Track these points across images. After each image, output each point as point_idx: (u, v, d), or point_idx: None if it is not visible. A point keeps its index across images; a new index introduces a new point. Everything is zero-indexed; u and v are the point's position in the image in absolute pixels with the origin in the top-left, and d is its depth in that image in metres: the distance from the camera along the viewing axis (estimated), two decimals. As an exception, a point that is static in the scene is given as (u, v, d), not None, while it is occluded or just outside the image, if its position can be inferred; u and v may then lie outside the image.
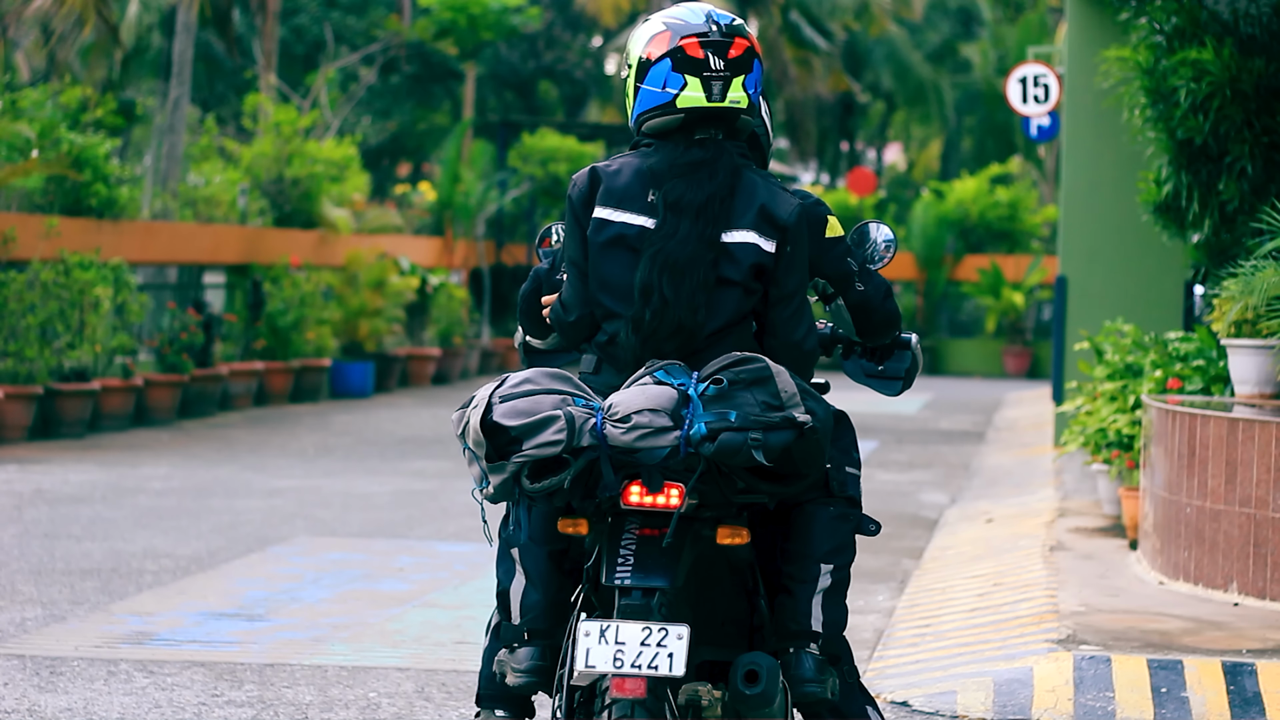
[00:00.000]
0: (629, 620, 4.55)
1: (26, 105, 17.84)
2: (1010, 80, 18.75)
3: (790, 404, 4.60)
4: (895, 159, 56.57)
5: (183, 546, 10.44)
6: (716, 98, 4.80)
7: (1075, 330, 14.41)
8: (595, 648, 4.54)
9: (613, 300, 4.82)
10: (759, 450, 4.53)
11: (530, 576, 4.87)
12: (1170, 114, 10.62)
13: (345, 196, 24.10)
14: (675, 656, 4.50)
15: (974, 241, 32.61)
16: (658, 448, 4.52)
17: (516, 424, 4.56)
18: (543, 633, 4.85)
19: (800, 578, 4.81)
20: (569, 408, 4.56)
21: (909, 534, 11.85)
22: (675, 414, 4.54)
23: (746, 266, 4.79)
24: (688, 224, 4.76)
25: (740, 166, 4.82)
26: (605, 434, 4.53)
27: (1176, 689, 6.90)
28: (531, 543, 4.87)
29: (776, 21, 41.99)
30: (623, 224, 4.80)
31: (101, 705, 6.68)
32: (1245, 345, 9.28)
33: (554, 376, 4.67)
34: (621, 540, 4.64)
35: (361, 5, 34.93)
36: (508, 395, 4.61)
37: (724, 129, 4.86)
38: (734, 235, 4.79)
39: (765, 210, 4.80)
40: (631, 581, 4.58)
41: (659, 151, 4.84)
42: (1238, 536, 8.51)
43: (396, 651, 7.81)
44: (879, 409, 22.88)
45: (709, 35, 4.81)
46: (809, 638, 4.78)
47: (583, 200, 4.86)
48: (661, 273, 4.74)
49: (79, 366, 16.88)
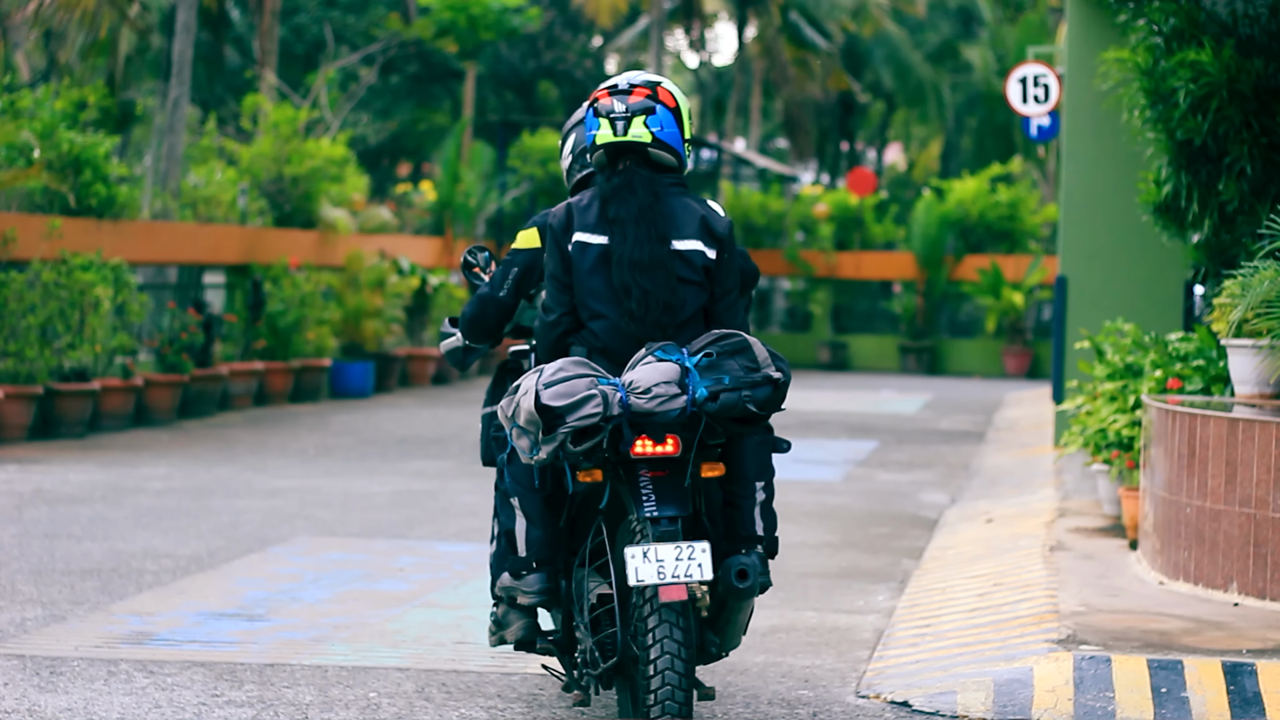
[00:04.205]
0: (663, 542, 5.92)
1: (27, 105, 17.83)
2: (1010, 80, 18.75)
3: (765, 366, 6.09)
4: (895, 159, 56.57)
5: (183, 546, 10.44)
6: (620, 134, 6.27)
7: (1075, 330, 14.42)
8: (642, 565, 5.89)
9: (599, 304, 6.24)
10: (751, 403, 6.02)
11: (530, 518, 6.31)
12: (1169, 115, 10.63)
13: (345, 196, 24.09)
14: (704, 566, 5.91)
15: (974, 241, 32.61)
16: (673, 409, 5.95)
17: (561, 404, 5.94)
18: (547, 560, 6.31)
19: (742, 494, 6.20)
20: (600, 387, 5.97)
21: (909, 534, 11.85)
22: (681, 383, 5.99)
23: (699, 268, 6.26)
24: (631, 232, 6.19)
25: (662, 189, 6.26)
26: (630, 404, 5.95)
27: (1176, 689, 6.91)
28: (530, 492, 6.30)
29: (776, 21, 41.97)
30: (597, 244, 6.24)
31: (101, 705, 6.69)
32: (1245, 345, 9.29)
33: (579, 364, 6.06)
34: (639, 483, 6.02)
35: (361, 5, 34.93)
36: (549, 382, 5.98)
37: (637, 159, 6.30)
38: (684, 244, 6.25)
39: (706, 224, 6.29)
40: (659, 513, 5.97)
41: (597, 185, 6.32)
42: (1238, 536, 8.52)
43: (396, 651, 7.81)
44: (879, 409, 22.89)
45: (616, 87, 6.32)
46: (756, 541, 6.20)
47: (562, 228, 6.29)
48: (631, 272, 6.16)
49: (79, 366, 16.89)
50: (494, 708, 6.84)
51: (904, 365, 32.45)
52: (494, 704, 6.90)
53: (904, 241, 33.93)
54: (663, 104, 6.30)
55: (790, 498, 13.59)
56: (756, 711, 6.89)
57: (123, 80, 27.93)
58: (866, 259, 33.27)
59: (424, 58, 34.87)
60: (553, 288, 6.31)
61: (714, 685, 7.30)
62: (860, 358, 33.10)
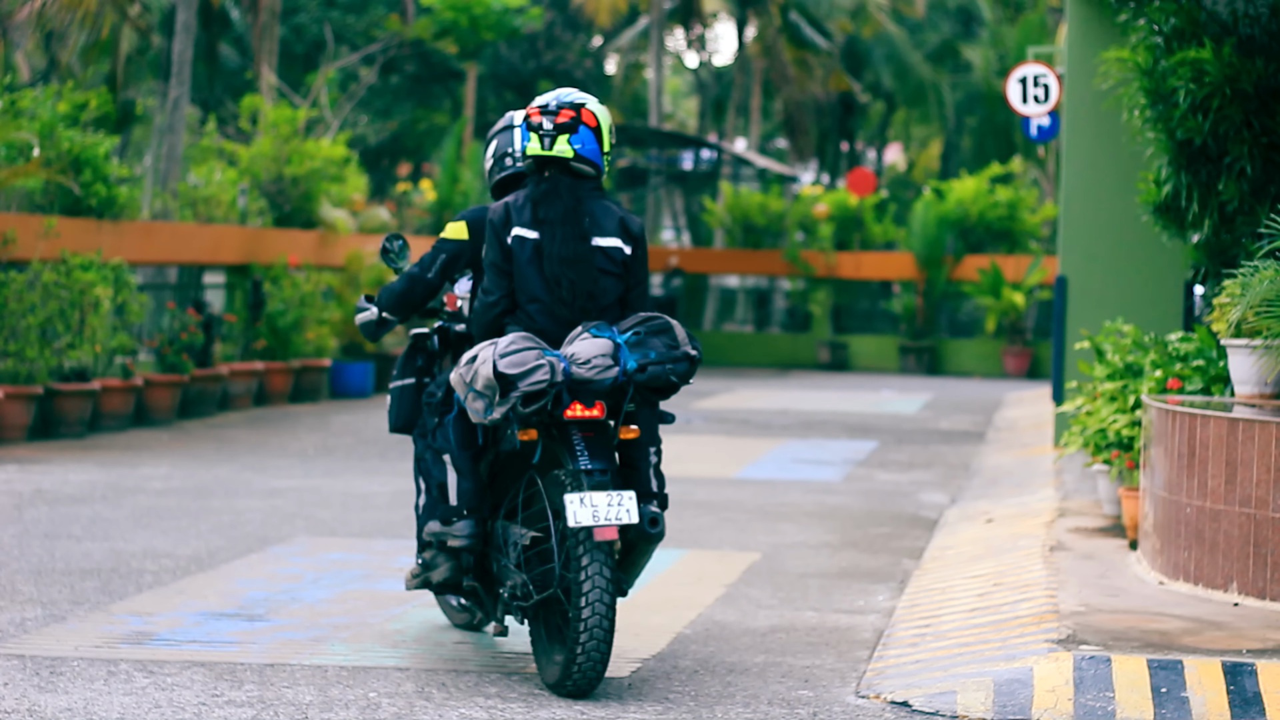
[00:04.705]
0: (597, 490, 6.93)
1: (27, 105, 17.83)
2: (1010, 80, 18.75)
3: (684, 345, 7.19)
4: (895, 159, 56.57)
5: (183, 546, 10.44)
6: (546, 148, 7.32)
7: (1075, 330, 14.42)
8: (580, 510, 6.86)
9: (535, 290, 7.27)
10: (673, 375, 7.12)
11: (461, 472, 7.48)
12: (1170, 114, 10.62)
13: (344, 196, 24.10)
14: (630, 510, 6.92)
15: (974, 241, 32.61)
16: (608, 378, 7.03)
17: (515, 372, 6.97)
18: (475, 509, 7.47)
19: (640, 457, 7.29)
20: (547, 358, 7.00)
21: (909, 534, 11.86)
22: (614, 356, 7.06)
23: (618, 262, 7.33)
24: (559, 232, 7.24)
25: (584, 194, 7.31)
26: (571, 372, 7.00)
27: (1176, 689, 6.91)
28: (459, 450, 7.47)
29: (776, 21, 41.96)
30: (532, 239, 7.27)
31: (101, 705, 6.69)
32: (1245, 346, 9.28)
33: (527, 338, 7.08)
34: (572, 441, 7.05)
35: (361, 5, 34.93)
36: (505, 353, 7.00)
37: (561, 169, 7.34)
38: (605, 241, 7.32)
39: (623, 224, 7.37)
40: (592, 466, 6.99)
41: (528, 188, 7.37)
42: (1238, 536, 8.52)
43: (396, 651, 7.81)
44: (879, 409, 22.89)
45: (546, 106, 7.36)
46: (654, 496, 7.30)
47: (502, 223, 7.34)
48: (560, 265, 7.22)
49: (79, 366, 16.88)
50: (494, 707, 6.84)
51: (904, 365, 32.46)
52: (494, 704, 6.90)
53: (904, 241, 33.92)
54: (585, 124, 7.35)
55: (790, 498, 13.59)
56: (756, 711, 6.89)
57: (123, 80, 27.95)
58: (866, 259, 33.27)
59: (424, 58, 34.86)
60: (493, 274, 7.33)
61: (714, 684, 7.31)
62: (860, 358, 33.10)
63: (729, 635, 8.38)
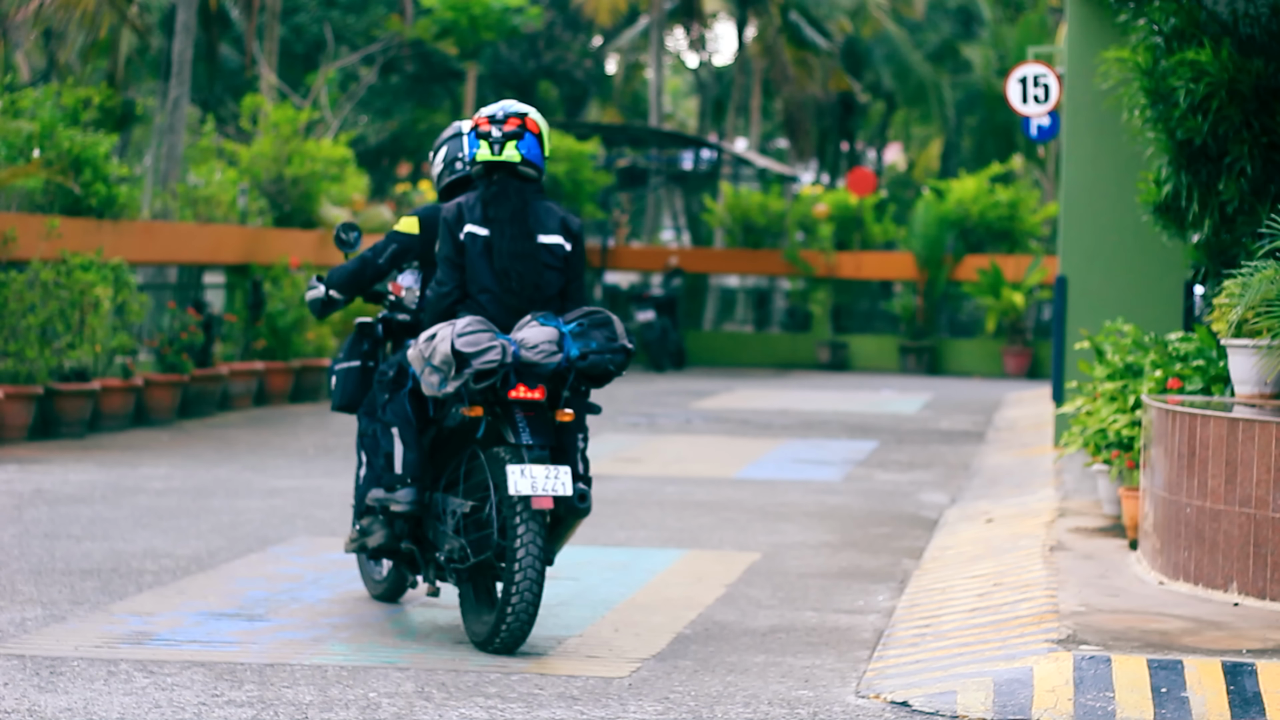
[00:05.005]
0: (536, 464, 7.63)
1: (27, 105, 17.82)
2: (1010, 80, 18.74)
3: (621, 338, 7.86)
4: (895, 159, 56.58)
5: (183, 546, 10.44)
6: (496, 154, 8.02)
7: (1075, 330, 14.41)
8: (520, 480, 7.56)
9: (485, 282, 7.95)
10: (611, 364, 7.81)
11: (407, 444, 8.15)
12: (1169, 114, 10.62)
13: (345, 196, 24.09)
14: (565, 484, 7.64)
15: (974, 241, 32.60)
16: (552, 363, 7.73)
17: (470, 350, 7.66)
18: (418, 478, 8.15)
19: (571, 442, 7.92)
20: (498, 340, 7.69)
21: (909, 534, 11.86)
22: (559, 344, 7.76)
23: (560, 257, 8.05)
24: (507, 230, 7.95)
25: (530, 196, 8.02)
26: (520, 355, 7.70)
27: (1176, 689, 6.91)
28: (407, 424, 8.16)
29: (776, 21, 41.97)
30: (483, 236, 7.96)
31: (101, 705, 6.69)
32: (1245, 345, 9.28)
33: (481, 322, 7.74)
34: (515, 419, 7.75)
35: (361, 5, 34.94)
36: (461, 334, 7.68)
37: (509, 174, 8.04)
38: (548, 238, 8.03)
39: (564, 223, 8.09)
40: (533, 441, 7.69)
41: (479, 190, 8.06)
42: (1238, 536, 8.52)
43: (396, 651, 7.81)
44: (879, 409, 22.89)
45: (494, 116, 8.06)
46: (582, 478, 7.91)
47: (455, 220, 8.01)
48: (510, 260, 7.93)
49: (79, 366, 16.88)
50: (494, 707, 6.84)
51: (904, 365, 32.45)
52: (494, 704, 6.90)
53: (904, 241, 33.90)
54: (530, 131, 8.06)
55: (790, 498, 13.59)
56: (756, 711, 6.89)
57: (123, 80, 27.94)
58: (866, 259, 33.27)
59: (424, 58, 34.87)
60: (446, 267, 8.02)
61: (714, 684, 7.31)
62: (860, 358, 33.09)
63: (729, 635, 8.38)
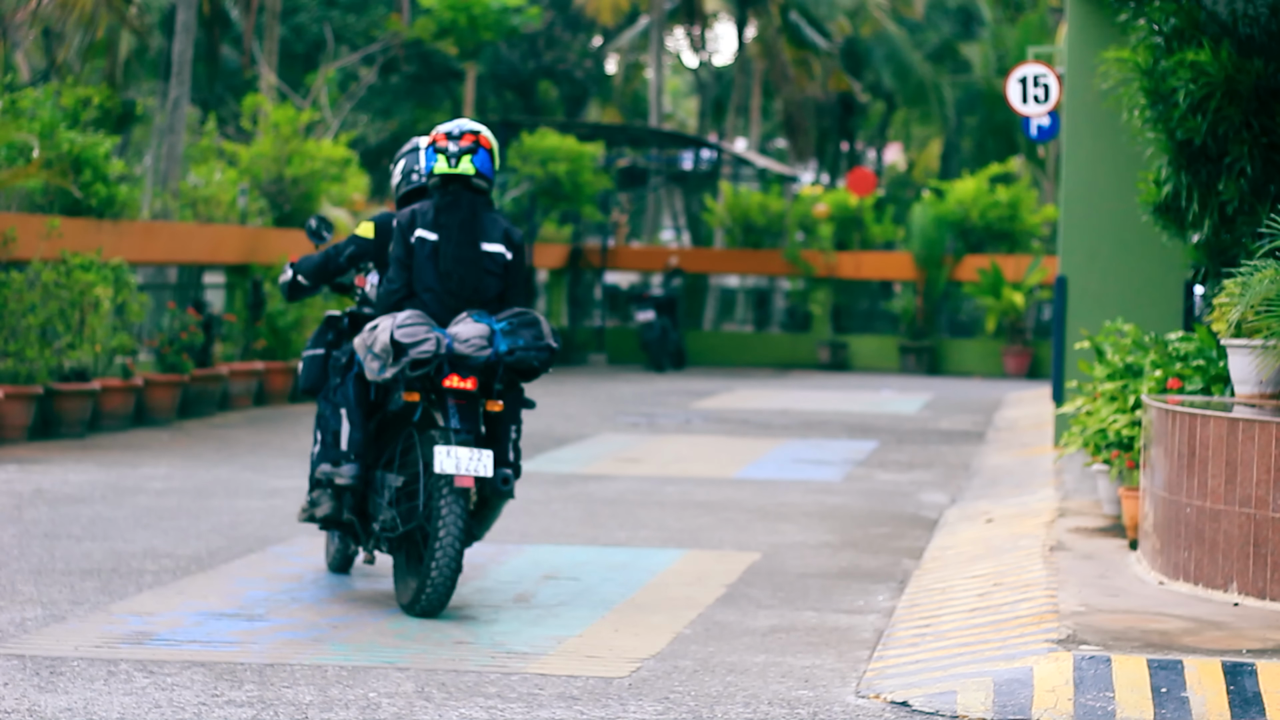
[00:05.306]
0: (461, 446, 8.41)
1: (27, 105, 17.82)
2: (1010, 80, 18.74)
3: (547, 338, 8.62)
4: (895, 159, 56.57)
5: (183, 546, 10.45)
6: (452, 167, 8.77)
7: (1075, 330, 14.41)
8: (445, 460, 8.35)
9: (430, 282, 8.72)
10: (536, 360, 8.57)
11: (353, 424, 8.91)
12: (1169, 115, 10.62)
13: (345, 196, 24.09)
14: (487, 466, 8.43)
15: (974, 241, 32.60)
16: (482, 356, 8.47)
17: (407, 341, 8.44)
18: (361, 455, 8.91)
19: (503, 432, 8.69)
20: (434, 333, 8.45)
21: (909, 534, 11.86)
22: (490, 339, 8.51)
23: (501, 264, 8.83)
24: (455, 236, 8.73)
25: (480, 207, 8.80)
26: (453, 348, 8.45)
27: (1176, 689, 6.91)
28: (355, 406, 8.93)
29: (776, 21, 41.97)
30: (431, 240, 8.75)
31: (101, 705, 6.69)
32: (1245, 345, 9.28)
33: (420, 316, 8.54)
34: (447, 406, 8.51)
35: (361, 5, 34.93)
36: (400, 325, 8.47)
37: (463, 185, 8.82)
38: (490, 246, 8.81)
39: (506, 233, 8.86)
40: (460, 426, 8.47)
41: (434, 199, 8.84)
42: (1238, 536, 8.52)
43: (396, 651, 7.81)
44: (879, 409, 22.89)
45: (450, 133, 8.81)
46: (511, 466, 8.71)
47: (408, 225, 8.80)
48: (454, 263, 8.71)
49: (79, 366, 16.88)
50: (493, 707, 6.84)
51: (904, 365, 32.45)
52: (493, 704, 6.90)
53: (903, 241, 33.90)
54: (483, 147, 8.81)
55: (790, 498, 13.59)
56: (756, 711, 6.89)
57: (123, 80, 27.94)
58: (866, 259, 33.27)
59: (424, 58, 34.87)
60: (396, 267, 8.80)
61: (714, 684, 7.31)
62: (860, 358, 33.10)
63: (729, 635, 8.38)
